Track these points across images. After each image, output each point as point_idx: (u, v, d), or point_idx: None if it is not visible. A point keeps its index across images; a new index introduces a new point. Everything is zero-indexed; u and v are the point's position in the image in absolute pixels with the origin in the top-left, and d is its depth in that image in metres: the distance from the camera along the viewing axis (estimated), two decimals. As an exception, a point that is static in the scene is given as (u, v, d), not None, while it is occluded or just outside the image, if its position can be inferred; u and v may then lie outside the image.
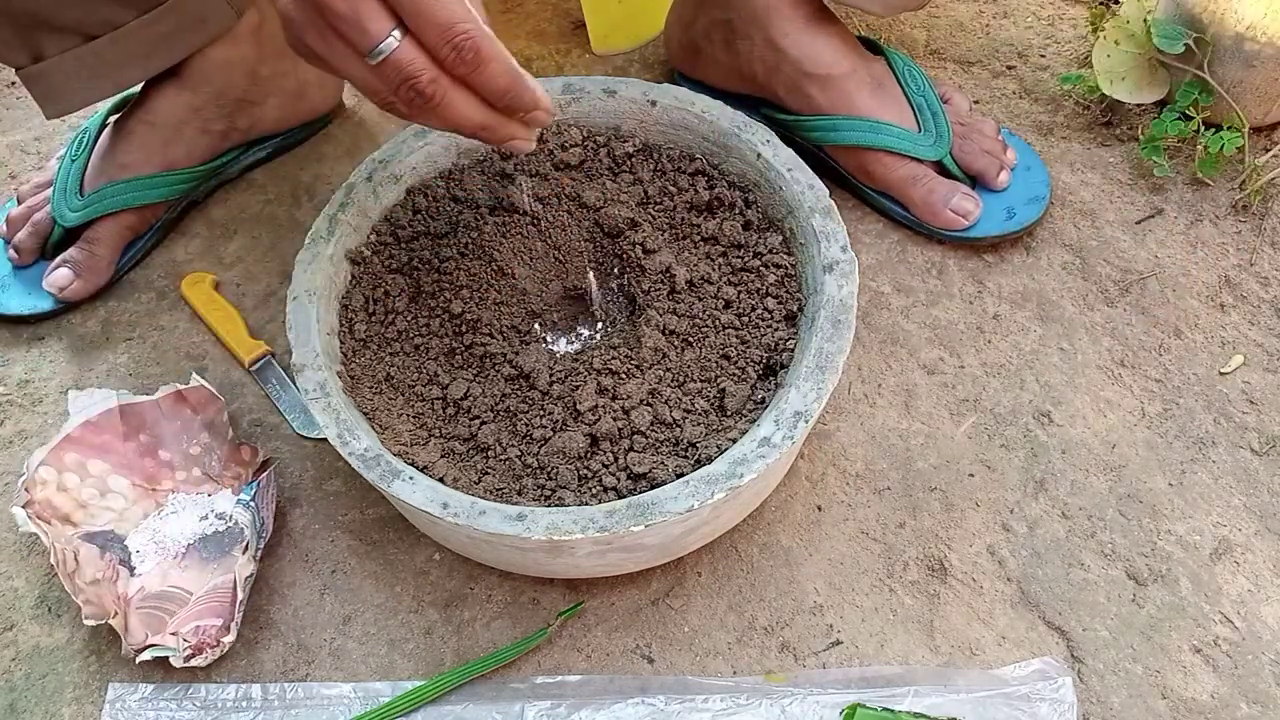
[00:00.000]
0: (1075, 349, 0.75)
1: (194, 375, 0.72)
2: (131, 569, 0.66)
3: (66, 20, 0.74)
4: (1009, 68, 0.93)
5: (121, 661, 0.64)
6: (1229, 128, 0.80)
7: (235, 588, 0.63)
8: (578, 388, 0.63)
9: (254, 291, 0.82)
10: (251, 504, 0.66)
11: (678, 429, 0.61)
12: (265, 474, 0.68)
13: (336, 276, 0.67)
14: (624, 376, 0.64)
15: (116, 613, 0.62)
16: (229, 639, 0.62)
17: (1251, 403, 0.72)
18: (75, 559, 0.63)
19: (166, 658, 0.61)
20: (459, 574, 0.67)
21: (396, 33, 0.48)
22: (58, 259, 0.80)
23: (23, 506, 0.64)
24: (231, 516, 0.68)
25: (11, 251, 0.82)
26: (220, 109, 0.84)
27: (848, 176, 0.83)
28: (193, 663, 0.61)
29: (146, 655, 0.61)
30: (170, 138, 0.82)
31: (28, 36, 0.74)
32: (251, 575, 0.64)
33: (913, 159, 0.79)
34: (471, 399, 0.64)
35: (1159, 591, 0.65)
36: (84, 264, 0.80)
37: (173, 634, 0.62)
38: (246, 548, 0.65)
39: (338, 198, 0.69)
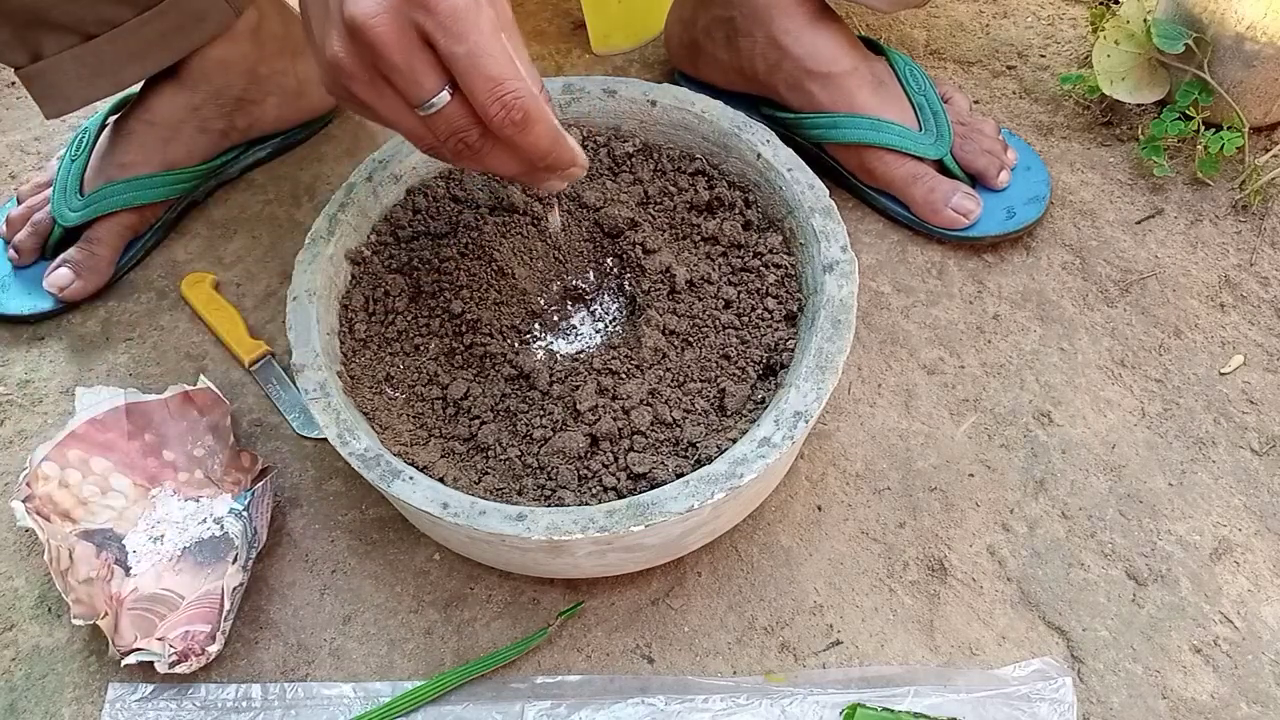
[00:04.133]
0: (1075, 349, 0.75)
1: (201, 377, 0.72)
2: (127, 569, 0.66)
3: (65, 18, 0.74)
4: (1009, 68, 0.93)
5: (121, 661, 0.64)
6: (1229, 128, 0.80)
7: (224, 596, 0.63)
8: (578, 388, 0.63)
9: (254, 291, 0.82)
10: (244, 514, 0.66)
11: (678, 429, 0.61)
12: (261, 483, 0.67)
13: (336, 276, 0.67)
14: (624, 376, 0.63)
15: (106, 613, 0.62)
16: (214, 648, 0.61)
17: (1251, 403, 0.72)
18: (70, 556, 0.63)
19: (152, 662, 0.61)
20: (459, 574, 0.67)
21: (449, 88, 0.48)
22: (58, 259, 0.80)
23: (23, 501, 0.64)
24: (224, 524, 0.68)
25: (11, 251, 0.82)
26: (219, 108, 0.84)
27: (848, 176, 0.83)
28: (177, 669, 0.60)
29: (132, 659, 0.61)
30: (170, 137, 0.82)
31: (26, 35, 0.74)
32: (240, 585, 0.64)
33: (914, 157, 0.79)
34: (471, 399, 0.64)
35: (1159, 591, 0.65)
36: (84, 264, 0.80)
37: (159, 639, 0.61)
38: (236, 558, 0.64)
39: (338, 198, 0.69)
